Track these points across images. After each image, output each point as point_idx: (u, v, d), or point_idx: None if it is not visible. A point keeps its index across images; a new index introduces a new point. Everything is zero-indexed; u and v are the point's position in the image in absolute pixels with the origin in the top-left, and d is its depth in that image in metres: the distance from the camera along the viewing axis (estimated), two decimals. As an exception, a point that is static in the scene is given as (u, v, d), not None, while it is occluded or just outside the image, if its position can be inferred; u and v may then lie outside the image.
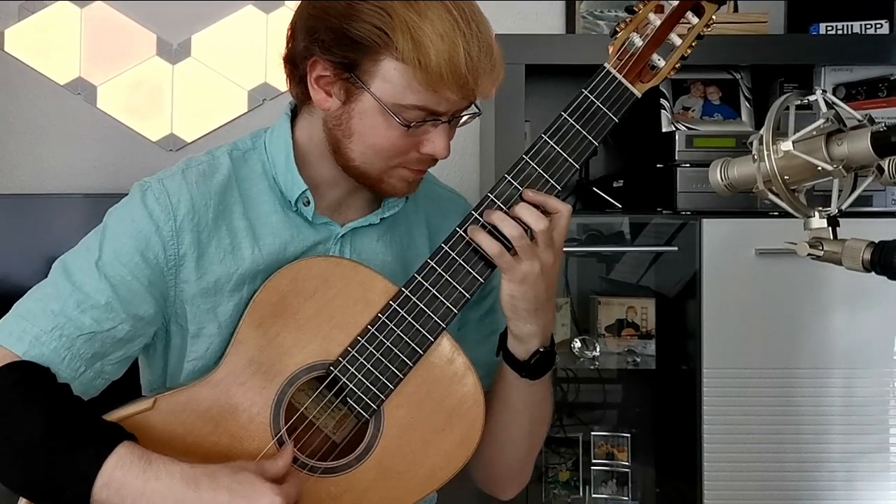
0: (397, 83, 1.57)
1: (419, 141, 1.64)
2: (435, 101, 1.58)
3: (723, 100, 3.29)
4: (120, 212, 1.70)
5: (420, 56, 1.53)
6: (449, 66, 1.53)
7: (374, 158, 1.67)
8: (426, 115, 1.60)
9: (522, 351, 1.71)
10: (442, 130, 1.63)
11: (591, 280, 3.56)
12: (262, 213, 1.74)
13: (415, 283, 1.63)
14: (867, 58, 3.16)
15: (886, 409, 2.97)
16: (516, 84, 2.98)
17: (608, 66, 1.66)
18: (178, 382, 1.72)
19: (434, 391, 1.66)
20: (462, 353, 1.67)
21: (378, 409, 1.64)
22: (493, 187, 1.64)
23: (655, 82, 1.68)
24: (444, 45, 1.53)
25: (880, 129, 1.49)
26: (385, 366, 1.62)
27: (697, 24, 1.69)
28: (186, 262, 1.68)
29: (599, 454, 3.28)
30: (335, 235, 1.77)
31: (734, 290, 2.97)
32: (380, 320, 1.63)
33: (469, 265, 1.62)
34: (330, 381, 1.63)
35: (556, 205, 1.62)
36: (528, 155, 1.64)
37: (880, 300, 2.95)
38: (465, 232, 1.62)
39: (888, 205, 3.02)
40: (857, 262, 1.53)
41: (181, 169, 1.73)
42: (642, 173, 3.38)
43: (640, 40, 1.66)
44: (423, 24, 1.53)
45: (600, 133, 1.65)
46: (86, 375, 1.62)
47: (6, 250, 3.30)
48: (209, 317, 1.70)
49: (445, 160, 1.68)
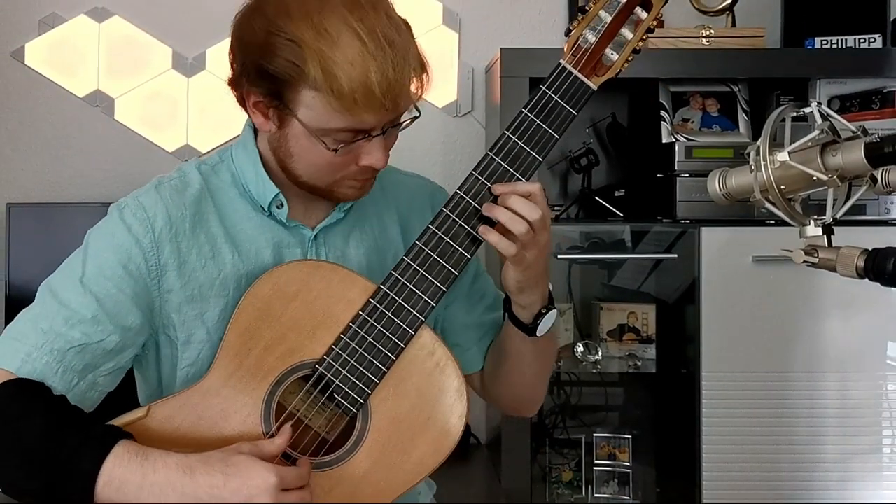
0: (318, 111, 1.58)
1: (357, 155, 1.64)
2: (358, 122, 1.58)
3: (721, 112, 3.29)
4: (100, 230, 1.71)
5: (332, 85, 1.53)
6: (362, 90, 1.52)
7: (318, 175, 1.69)
8: (354, 136, 1.61)
9: (528, 315, 1.76)
10: (377, 143, 1.63)
11: (593, 286, 3.57)
12: (237, 220, 1.75)
13: (392, 280, 1.64)
14: (861, 71, 3.18)
15: (879, 411, 2.98)
16: (520, 96, 3.00)
17: (563, 63, 1.67)
18: (174, 391, 1.72)
19: (418, 383, 1.67)
20: (442, 345, 1.68)
21: (365, 404, 1.64)
22: (461, 184, 1.65)
23: (610, 75, 1.68)
24: (354, 70, 1.52)
25: (874, 140, 1.50)
26: (369, 361, 1.63)
27: (647, 18, 1.69)
28: (168, 271, 1.69)
29: (601, 455, 3.28)
30: (308, 238, 1.79)
31: (732, 296, 2.98)
32: (360, 317, 1.64)
33: (444, 259, 1.64)
34: (316, 378, 1.64)
35: (527, 187, 1.63)
36: (492, 151, 1.65)
37: (873, 306, 2.96)
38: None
39: (881, 213, 3.03)
40: (851, 269, 1.53)
41: (154, 185, 1.74)
42: (643, 183, 3.39)
43: (593, 36, 1.66)
44: (333, 53, 1.52)
45: (560, 126, 1.65)
46: (80, 387, 1.62)
47: (28, 256, 3.31)
48: (197, 323, 1.71)
49: (453, 170, 1.69)
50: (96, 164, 3.66)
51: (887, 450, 2.99)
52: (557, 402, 3.54)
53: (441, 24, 3.67)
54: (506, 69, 3.08)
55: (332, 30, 1.54)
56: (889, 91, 3.14)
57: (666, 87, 3.31)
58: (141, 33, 3.67)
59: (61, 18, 3.64)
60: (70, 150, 3.67)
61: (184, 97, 3.68)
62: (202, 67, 3.67)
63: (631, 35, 1.69)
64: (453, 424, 1.67)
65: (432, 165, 3.58)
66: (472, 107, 3.68)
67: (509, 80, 3.07)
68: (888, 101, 3.13)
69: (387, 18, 1.58)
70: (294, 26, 1.55)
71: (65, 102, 3.66)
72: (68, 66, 3.67)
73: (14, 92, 3.65)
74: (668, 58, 3.11)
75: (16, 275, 3.31)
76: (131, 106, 3.68)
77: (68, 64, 3.66)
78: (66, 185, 3.66)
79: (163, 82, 3.68)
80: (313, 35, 1.54)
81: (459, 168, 3.51)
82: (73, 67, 3.67)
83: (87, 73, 3.66)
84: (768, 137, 1.61)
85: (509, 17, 3.70)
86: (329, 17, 1.54)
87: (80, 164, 3.67)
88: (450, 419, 1.66)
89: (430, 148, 3.62)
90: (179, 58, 3.68)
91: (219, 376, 1.65)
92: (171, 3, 3.68)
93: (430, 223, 1.65)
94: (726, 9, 3.37)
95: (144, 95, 3.68)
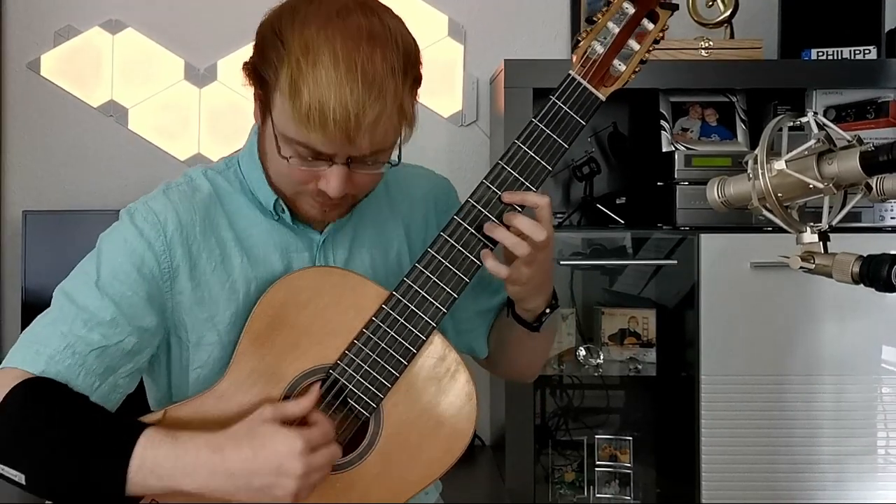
0: (283, 117, 1.57)
1: (318, 176, 1.62)
2: (314, 141, 1.56)
3: (720, 121, 3.30)
4: (112, 235, 1.71)
5: (293, 95, 1.52)
6: (318, 112, 1.51)
7: (281, 181, 1.69)
8: (310, 154, 1.58)
9: (531, 316, 1.78)
10: (335, 171, 1.59)
11: (595, 292, 3.57)
12: (245, 224, 1.75)
13: (405, 286, 1.64)
14: (856, 82, 3.18)
15: (874, 413, 2.98)
16: (523, 105, 3.01)
17: (573, 73, 1.66)
18: (185, 393, 1.73)
19: (429, 387, 1.67)
20: (453, 350, 1.68)
21: (377, 407, 1.65)
22: (472, 192, 1.65)
23: (618, 86, 1.68)
24: (317, 91, 1.50)
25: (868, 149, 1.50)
26: (382, 366, 1.63)
27: (653, 29, 1.69)
28: (180, 273, 1.69)
29: (603, 456, 3.28)
30: (317, 243, 1.78)
31: (730, 302, 2.99)
32: (374, 323, 1.64)
33: (455, 267, 1.64)
34: (330, 383, 1.64)
35: (535, 199, 1.63)
36: (503, 160, 1.65)
37: (868, 311, 2.96)
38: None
39: (876, 221, 3.04)
40: (847, 275, 1.53)
41: (162, 190, 1.74)
42: (644, 191, 3.40)
43: (601, 48, 1.66)
44: (307, 68, 1.51)
45: (570, 135, 1.65)
46: (101, 389, 1.62)
47: (44, 262, 3.32)
48: (207, 326, 1.71)
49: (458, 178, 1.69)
50: (110, 172, 3.68)
51: (882, 451, 2.99)
52: (560, 405, 3.55)
53: (447, 35, 3.68)
54: (509, 80, 3.09)
55: (315, 48, 1.52)
56: (884, 101, 3.14)
57: (666, 97, 3.31)
58: (154, 45, 3.68)
59: (76, 30, 3.66)
60: (84, 158, 3.68)
61: (195, 107, 3.69)
62: (213, 78, 3.68)
63: (638, 46, 1.69)
64: (463, 428, 1.67)
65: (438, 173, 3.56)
66: (477, 116, 3.69)
67: (513, 91, 3.08)
68: (883, 111, 3.14)
69: (381, 61, 1.54)
70: (290, 31, 1.56)
71: (79, 112, 3.68)
72: (83, 77, 3.68)
73: (30, 102, 3.67)
74: (668, 69, 3.12)
75: (32, 280, 3.32)
76: (144, 116, 3.69)
77: (83, 75, 3.68)
78: (80, 192, 3.67)
79: (175, 93, 3.69)
80: (299, 46, 1.54)
81: (464, 176, 3.48)
82: (87, 78, 3.68)
83: (102, 84, 3.68)
84: (766, 146, 1.60)
85: (513, 30, 3.71)
86: (322, 36, 1.53)
87: (94, 172, 3.68)
88: (460, 423, 1.67)
89: (435, 156, 3.64)
90: (191, 69, 3.69)
91: (233, 381, 1.65)
92: (184, 16, 3.69)
93: (442, 231, 1.65)
94: (725, 21, 3.37)
95: (157, 105, 3.69)
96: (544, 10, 3.71)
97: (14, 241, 3.57)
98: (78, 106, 3.68)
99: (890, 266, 1.47)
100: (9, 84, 3.67)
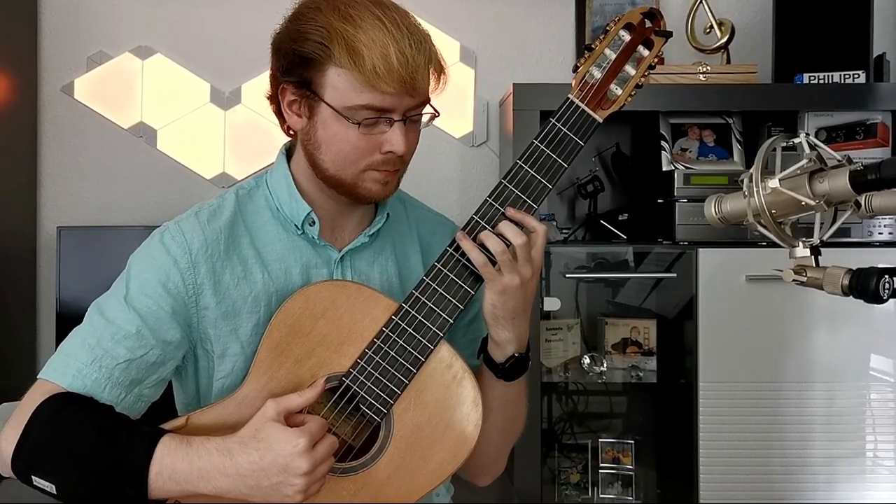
0: (342, 87, 1.60)
1: (379, 142, 1.65)
2: (379, 99, 1.60)
3: (717, 142, 3.31)
4: (142, 253, 1.73)
5: (355, 59, 1.57)
6: (383, 63, 1.56)
7: (343, 164, 1.69)
8: (375, 114, 1.62)
9: (500, 355, 1.72)
10: (397, 128, 1.64)
11: (598, 303, 3.58)
12: (268, 241, 1.76)
13: (413, 298, 1.65)
14: (846, 104, 3.19)
15: (863, 418, 2.99)
16: (531, 127, 3.03)
17: (571, 97, 1.67)
18: (210, 400, 1.74)
19: (437, 393, 1.67)
20: (459, 358, 1.68)
21: (388, 413, 1.65)
22: (476, 209, 1.65)
23: (615, 108, 1.68)
24: (376, 47, 1.56)
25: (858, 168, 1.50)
26: (392, 374, 1.64)
27: (648, 55, 1.69)
28: (205, 290, 1.70)
29: (606, 459, 3.29)
30: (335, 260, 1.79)
31: (727, 312, 3.00)
32: (384, 333, 1.64)
33: (461, 280, 1.64)
34: (343, 390, 1.65)
35: (534, 224, 1.63)
36: (506, 179, 1.66)
37: (857, 321, 2.97)
38: (455, 250, 1.65)
39: (865, 236, 3.04)
40: (837, 287, 1.53)
41: (195, 212, 1.76)
42: (645, 208, 3.41)
43: (599, 72, 1.66)
44: (356, 33, 1.57)
45: (569, 156, 1.65)
46: (127, 400, 1.64)
47: (78, 277, 3.34)
48: (231, 338, 1.72)
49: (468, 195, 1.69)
50: (140, 190, 3.70)
51: (870, 454, 2.99)
52: (566, 410, 3.55)
53: (458, 60, 3.70)
54: (518, 103, 3.11)
55: (356, 16, 1.59)
56: (872, 123, 3.15)
57: (666, 119, 3.32)
58: (181, 70, 3.71)
59: (108, 56, 3.69)
60: (116, 177, 3.71)
61: (220, 128, 3.71)
62: (238, 101, 3.71)
63: (634, 71, 1.69)
64: (469, 432, 1.67)
65: (450, 192, 3.61)
66: (487, 137, 3.70)
67: (521, 113, 3.09)
68: (871, 132, 3.15)
69: (409, 18, 1.64)
70: (322, 16, 1.61)
71: (111, 134, 3.71)
72: (114, 100, 3.71)
73: (64, 124, 3.70)
74: (667, 92, 3.13)
75: (66, 293, 3.34)
76: (172, 136, 3.72)
77: (114, 98, 3.71)
78: (112, 209, 3.70)
79: (201, 115, 3.72)
80: (339, 20, 1.59)
81: (475, 194, 3.54)
82: (118, 101, 3.71)
83: (132, 107, 3.71)
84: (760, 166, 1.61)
85: (521, 55, 3.73)
86: (355, 7, 1.60)
87: (125, 190, 3.70)
88: (466, 427, 1.67)
89: (448, 175, 3.64)
90: (217, 92, 3.71)
91: (252, 388, 1.65)
92: (210, 43, 3.72)
93: (448, 246, 1.66)
94: (721, 47, 3.39)
95: (184, 127, 3.72)
96: (551, 36, 3.74)
97: (49, 255, 3.59)
98: (109, 127, 3.71)
99: (878, 279, 1.47)
100: (44, 107, 3.70)
